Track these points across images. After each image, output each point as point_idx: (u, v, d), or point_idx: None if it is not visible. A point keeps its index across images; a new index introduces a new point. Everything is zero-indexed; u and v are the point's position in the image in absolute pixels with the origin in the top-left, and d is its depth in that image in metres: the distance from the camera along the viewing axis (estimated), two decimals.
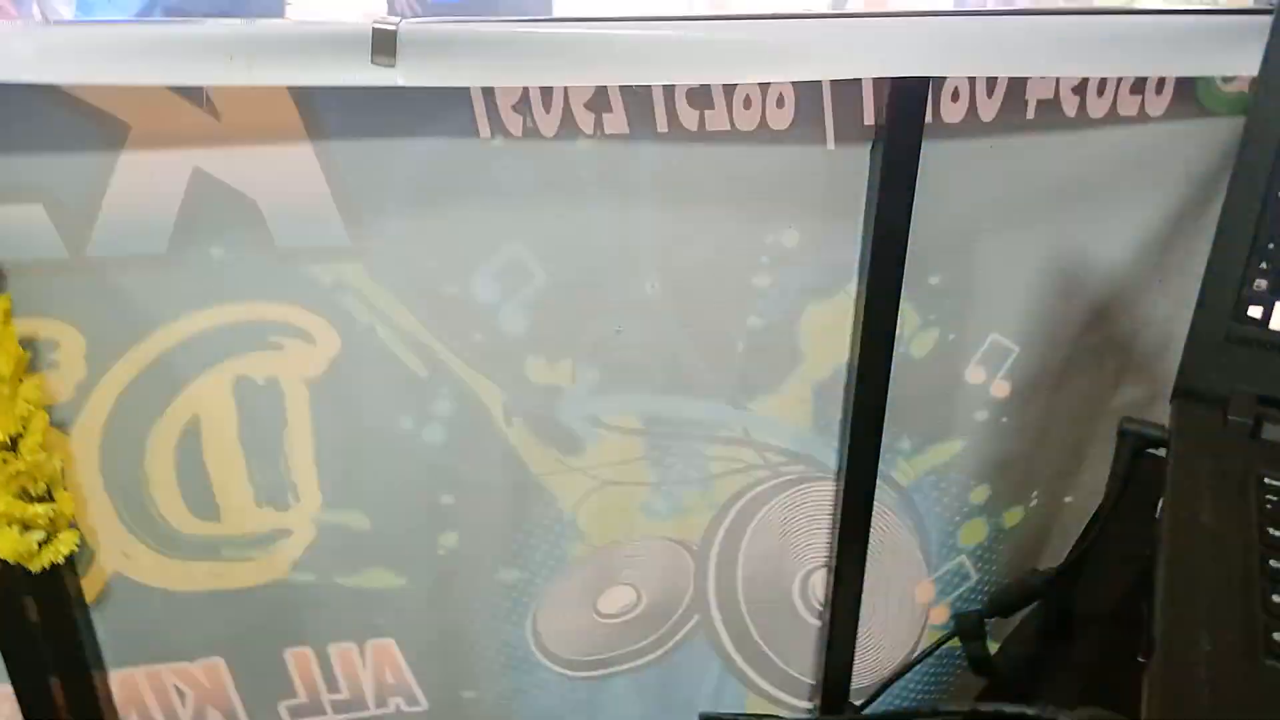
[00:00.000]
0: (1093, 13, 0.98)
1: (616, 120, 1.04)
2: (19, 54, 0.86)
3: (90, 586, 1.20)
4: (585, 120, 1.03)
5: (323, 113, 0.99)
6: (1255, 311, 0.67)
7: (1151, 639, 0.48)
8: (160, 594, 1.22)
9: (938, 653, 1.42)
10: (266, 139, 0.99)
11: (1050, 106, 1.09)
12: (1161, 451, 0.74)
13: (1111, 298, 1.22)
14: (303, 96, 0.98)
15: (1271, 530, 0.54)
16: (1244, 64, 0.96)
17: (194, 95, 0.96)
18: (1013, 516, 1.38)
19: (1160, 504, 0.58)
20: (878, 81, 1.05)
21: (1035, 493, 1.37)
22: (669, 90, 1.03)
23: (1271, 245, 0.66)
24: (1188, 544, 0.54)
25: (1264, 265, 0.66)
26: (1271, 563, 0.52)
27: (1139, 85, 1.09)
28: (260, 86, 0.94)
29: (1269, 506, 0.56)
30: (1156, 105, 1.10)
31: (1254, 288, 0.67)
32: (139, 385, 1.10)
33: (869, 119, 1.07)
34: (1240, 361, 0.67)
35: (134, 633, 1.24)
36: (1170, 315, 1.25)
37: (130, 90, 0.94)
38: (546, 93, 1.01)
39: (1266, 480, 0.59)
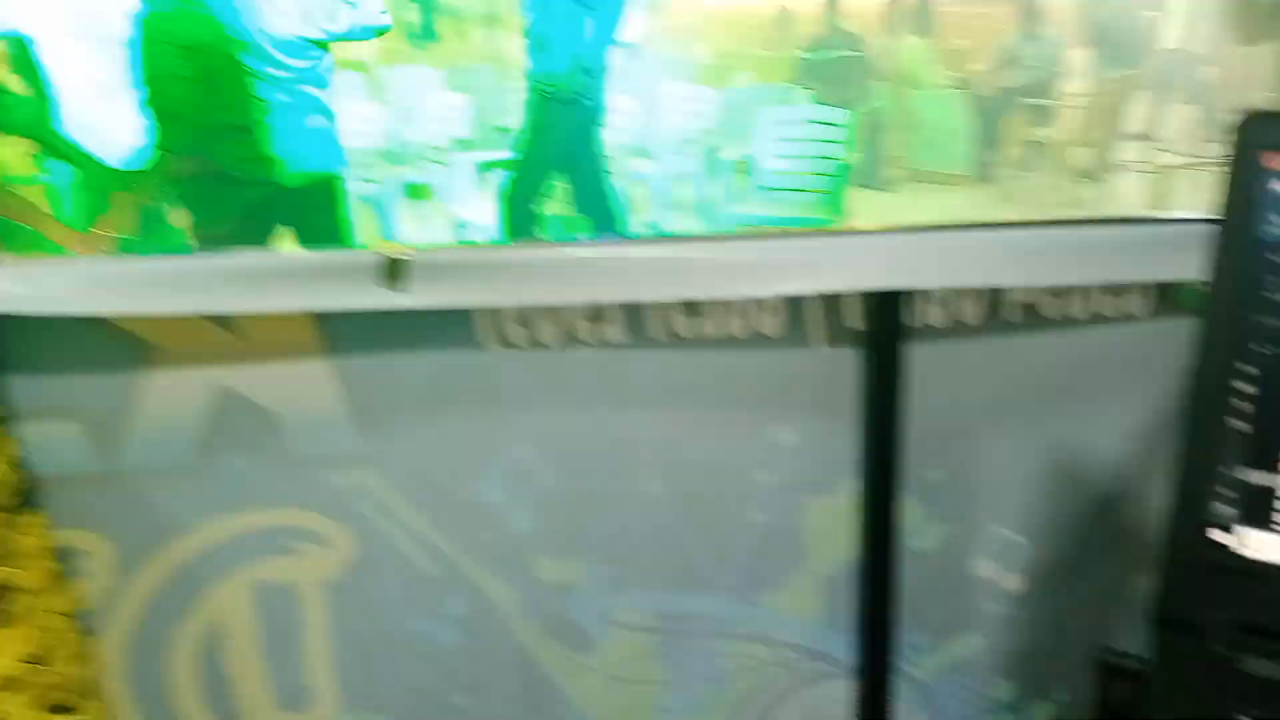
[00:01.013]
0: (1056, 224, 1.03)
1: (614, 329, 1.09)
2: (56, 288, 0.95)
3: None
4: (585, 330, 1.09)
5: (337, 329, 1.06)
6: (1223, 537, 0.67)
7: None
8: None
9: None
10: (285, 355, 1.06)
11: (1031, 309, 1.12)
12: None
13: (1115, 489, 1.21)
14: (319, 315, 1.05)
15: None
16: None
17: (218, 317, 1.04)
18: (1043, 713, 1.33)
19: None
20: None
21: (1065, 688, 1.33)
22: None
23: (1229, 469, 0.66)
24: None
25: (1225, 490, 0.66)
26: None
27: (1118, 287, 1.12)
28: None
29: None
30: (1137, 306, 1.13)
31: (1219, 513, 0.67)
32: (164, 592, 1.14)
33: (856, 323, 1.11)
34: (1214, 587, 0.66)
35: None
36: None
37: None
38: (547, 305, 1.08)
39: None
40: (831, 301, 1.11)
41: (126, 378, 1.04)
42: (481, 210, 4.20)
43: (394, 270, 0.98)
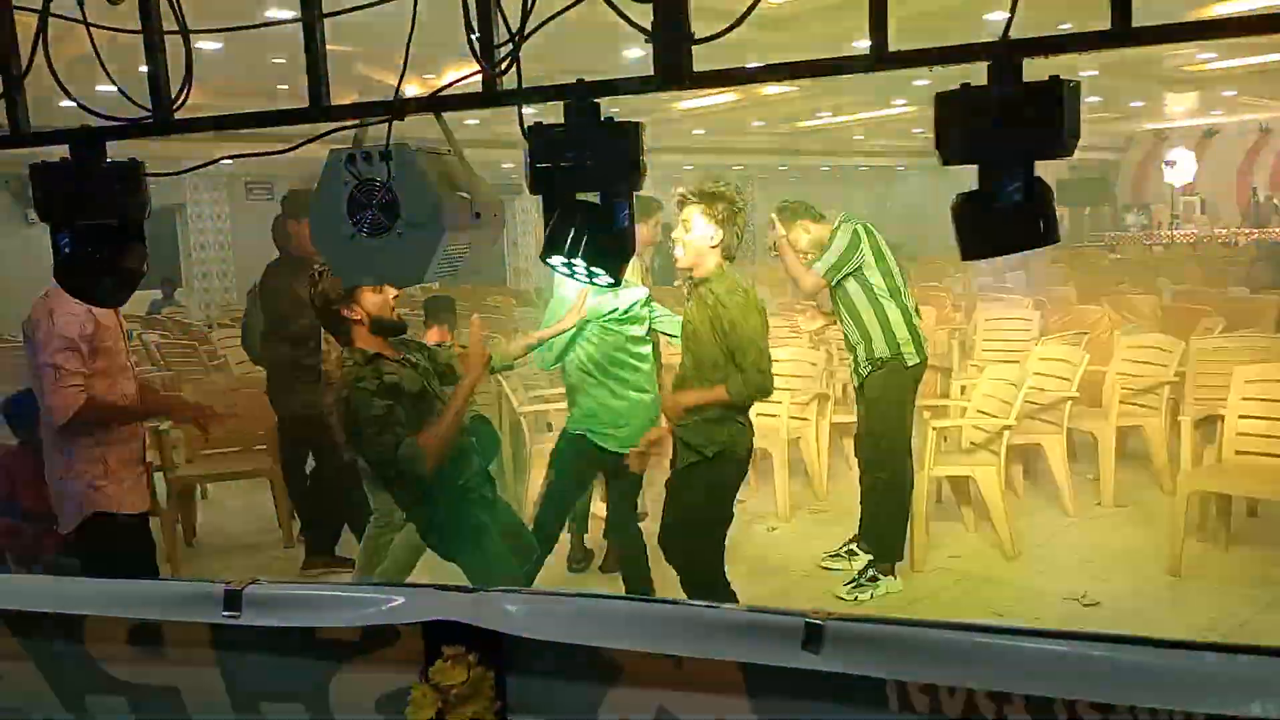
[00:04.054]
0: None
1: (1016, 709, 1.13)
2: (555, 619, 1.20)
3: None
4: (987, 707, 1.14)
5: (760, 677, 1.21)
6: None
7: None
8: None
9: None
10: (715, 689, 1.23)
11: None
12: None
13: None
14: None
15: None
16: None
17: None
18: None
19: None
20: None
21: None
22: None
23: None
24: None
25: None
26: None
27: None
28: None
29: None
30: None
31: None
32: None
33: None
34: None
35: None
36: None
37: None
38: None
39: None
40: None
41: (595, 688, 1.27)
42: None
43: (812, 635, 1.12)
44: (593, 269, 1.82)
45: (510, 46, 1.83)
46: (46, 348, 2.72)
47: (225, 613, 1.32)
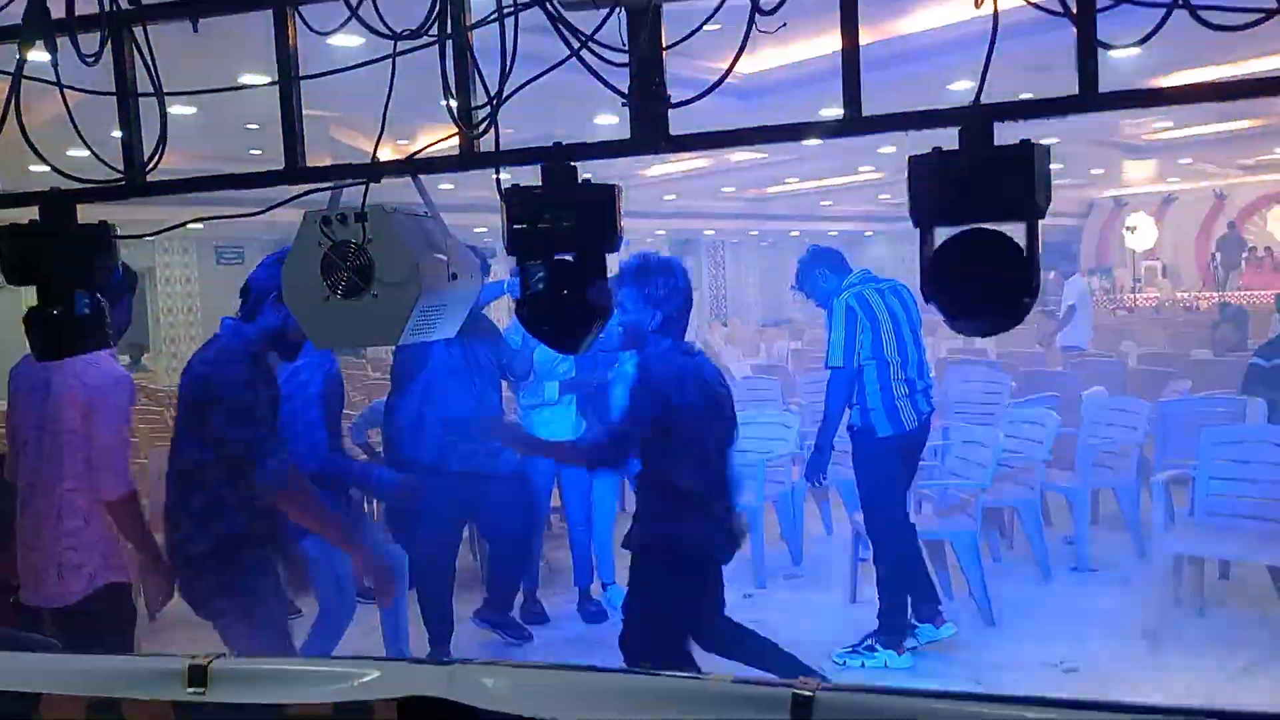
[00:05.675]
0: None
1: None
2: (531, 693, 1.16)
3: None
4: None
5: None
6: None
7: None
8: None
9: None
10: None
11: None
12: None
13: None
14: None
15: None
16: None
17: None
18: None
19: None
20: None
21: None
22: None
23: None
24: None
25: None
26: None
27: None
28: None
29: None
30: None
31: None
32: None
33: None
34: None
35: None
36: None
37: None
38: None
39: None
40: None
41: None
42: None
43: (800, 706, 1.08)
44: (572, 329, 1.81)
45: (488, 109, 1.83)
46: (116, 418, 2.72)
47: (190, 689, 1.27)
